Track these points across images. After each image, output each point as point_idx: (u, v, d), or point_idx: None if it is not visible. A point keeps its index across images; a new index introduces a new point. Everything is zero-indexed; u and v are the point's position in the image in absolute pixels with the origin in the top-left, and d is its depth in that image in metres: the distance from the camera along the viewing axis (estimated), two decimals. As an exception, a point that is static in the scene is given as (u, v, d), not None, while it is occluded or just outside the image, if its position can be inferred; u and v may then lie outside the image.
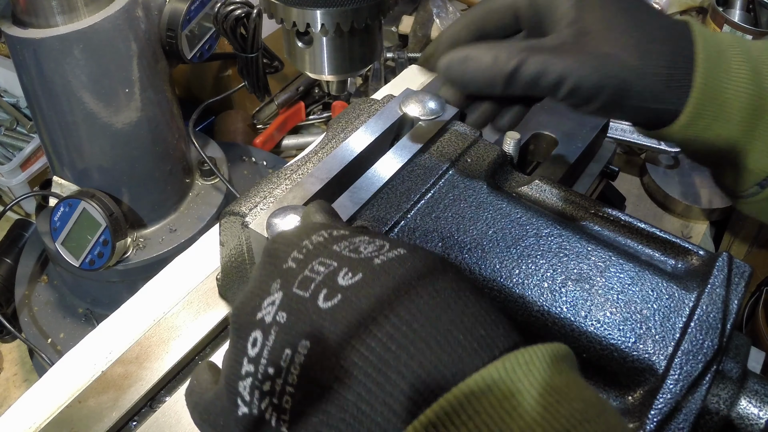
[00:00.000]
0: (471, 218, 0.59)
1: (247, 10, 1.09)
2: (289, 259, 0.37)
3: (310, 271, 0.36)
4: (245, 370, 0.36)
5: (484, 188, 0.62)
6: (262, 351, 0.35)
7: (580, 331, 0.51)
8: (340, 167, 0.60)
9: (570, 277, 0.54)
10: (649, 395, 0.48)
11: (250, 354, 0.36)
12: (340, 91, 0.52)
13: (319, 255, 0.37)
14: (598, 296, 0.53)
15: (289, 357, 0.34)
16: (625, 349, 0.50)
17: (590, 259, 0.55)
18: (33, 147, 1.36)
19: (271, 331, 0.35)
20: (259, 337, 0.36)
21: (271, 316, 0.36)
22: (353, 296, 0.34)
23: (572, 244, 0.56)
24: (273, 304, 0.36)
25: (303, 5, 0.43)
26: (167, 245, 1.17)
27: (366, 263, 0.36)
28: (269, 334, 0.35)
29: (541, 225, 0.58)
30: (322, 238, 0.38)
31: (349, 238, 0.38)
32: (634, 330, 0.51)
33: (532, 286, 0.54)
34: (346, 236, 0.39)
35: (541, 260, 0.55)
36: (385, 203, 0.59)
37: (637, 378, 0.50)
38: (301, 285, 0.36)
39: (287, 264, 0.37)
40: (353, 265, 0.36)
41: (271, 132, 1.52)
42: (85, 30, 0.94)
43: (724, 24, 1.42)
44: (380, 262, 0.36)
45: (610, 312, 0.52)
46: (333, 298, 0.34)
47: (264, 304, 0.36)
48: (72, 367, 0.62)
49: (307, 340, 0.34)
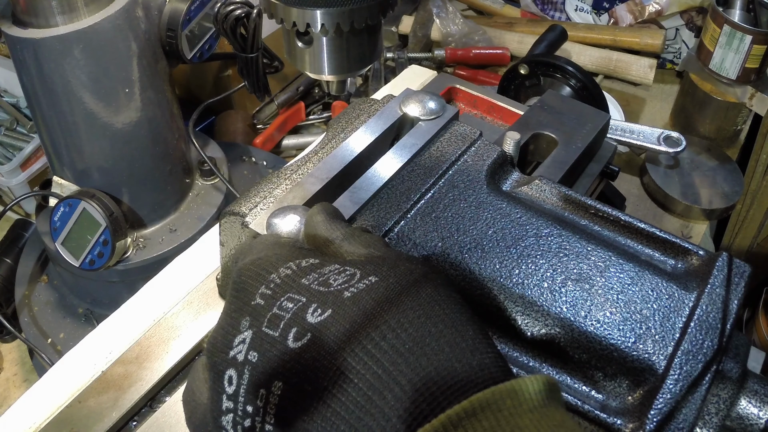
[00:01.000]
0: (471, 218, 0.59)
1: (247, 10, 1.09)
2: (257, 295, 0.37)
3: (279, 308, 0.36)
4: (225, 406, 0.36)
5: (484, 188, 0.62)
6: (239, 389, 0.36)
7: (579, 331, 0.51)
8: (340, 167, 0.60)
9: (570, 277, 0.54)
10: (648, 395, 0.48)
11: (228, 392, 0.36)
12: (340, 91, 0.52)
13: (288, 291, 0.37)
14: (598, 296, 0.53)
15: (264, 396, 0.34)
16: (625, 349, 0.50)
17: (590, 259, 0.55)
18: (33, 147, 1.36)
19: (244, 371, 0.35)
20: (234, 375, 0.36)
21: (242, 354, 0.36)
22: (322, 335, 0.34)
23: (572, 244, 0.56)
24: (244, 342, 0.36)
25: (303, 5, 0.43)
26: (167, 245, 1.17)
27: (335, 297, 0.35)
28: (243, 374, 0.36)
29: (541, 225, 0.58)
30: (290, 270, 0.38)
31: (318, 269, 0.38)
32: (633, 330, 0.51)
33: (531, 286, 0.54)
34: (315, 267, 0.38)
35: (541, 260, 0.55)
36: (385, 203, 0.59)
37: (636, 378, 0.50)
38: (270, 324, 0.36)
39: (255, 301, 0.37)
40: (322, 300, 0.35)
41: (271, 132, 1.52)
42: (85, 30, 0.94)
43: (724, 24, 1.42)
44: (350, 295, 0.35)
45: (610, 312, 0.52)
46: (302, 338, 0.34)
47: (235, 342, 0.37)
48: (72, 367, 0.62)
49: (279, 381, 0.34)
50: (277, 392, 0.34)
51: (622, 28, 1.72)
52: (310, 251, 0.42)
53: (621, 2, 1.74)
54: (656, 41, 1.67)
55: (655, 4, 1.71)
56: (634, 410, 0.48)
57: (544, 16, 1.83)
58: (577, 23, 1.78)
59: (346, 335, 0.33)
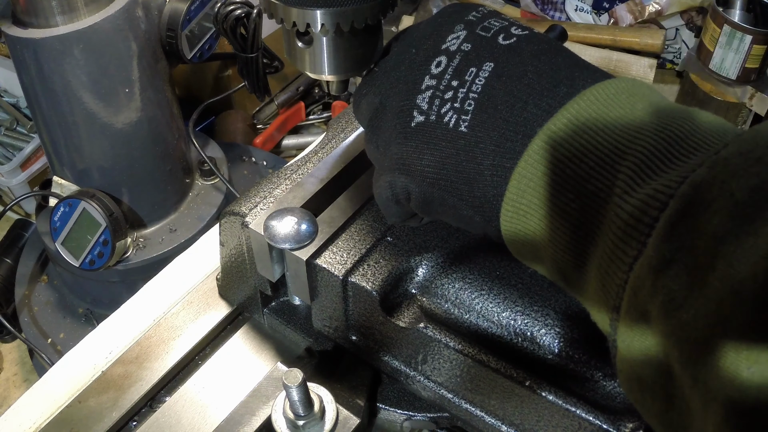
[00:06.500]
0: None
1: (247, 10, 1.09)
2: (470, 15, 0.44)
3: (488, 23, 0.43)
4: (426, 85, 0.42)
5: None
6: (447, 69, 0.42)
7: (580, 332, 0.51)
8: (340, 167, 0.60)
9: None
10: (649, 395, 0.48)
11: (433, 72, 0.42)
12: (340, 91, 0.52)
13: (494, 16, 0.44)
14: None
15: (474, 73, 0.41)
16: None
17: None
18: (33, 147, 1.36)
19: (455, 56, 0.42)
20: (444, 60, 0.42)
21: (455, 46, 0.43)
22: (526, 40, 0.42)
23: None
24: (458, 38, 0.43)
25: (303, 5, 0.43)
26: (167, 245, 1.17)
27: (528, 27, 0.44)
28: (454, 59, 0.42)
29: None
30: (491, 10, 0.46)
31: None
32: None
33: (538, 277, 0.54)
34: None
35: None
36: (385, 203, 0.59)
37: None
38: (482, 29, 0.43)
39: (468, 17, 0.44)
40: (521, 25, 0.43)
41: (271, 132, 1.52)
42: (85, 30, 0.94)
43: (724, 24, 1.42)
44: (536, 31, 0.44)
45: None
46: (510, 39, 0.42)
47: (448, 38, 0.43)
48: (72, 367, 0.62)
49: (490, 63, 0.41)
50: (488, 69, 0.41)
51: (622, 28, 1.72)
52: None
53: (621, 2, 1.74)
54: (656, 41, 1.67)
55: (655, 4, 1.71)
56: (634, 410, 0.48)
57: (544, 16, 1.84)
58: (577, 23, 1.78)
59: (547, 43, 0.42)
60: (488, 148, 0.40)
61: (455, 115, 0.41)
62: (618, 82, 0.39)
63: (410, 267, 0.52)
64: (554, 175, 0.37)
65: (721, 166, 0.31)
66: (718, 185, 0.31)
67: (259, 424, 0.51)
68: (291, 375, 0.46)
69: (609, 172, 0.35)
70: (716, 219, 0.30)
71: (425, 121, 0.42)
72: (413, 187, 0.44)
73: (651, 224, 0.32)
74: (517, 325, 0.50)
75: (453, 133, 0.41)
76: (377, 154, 0.47)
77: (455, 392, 0.52)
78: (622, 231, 0.33)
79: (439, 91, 0.42)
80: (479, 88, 0.41)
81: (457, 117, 0.41)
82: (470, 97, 0.41)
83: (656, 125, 0.35)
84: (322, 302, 0.54)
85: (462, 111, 0.41)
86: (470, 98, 0.41)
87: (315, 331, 0.58)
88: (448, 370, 0.51)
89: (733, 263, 0.28)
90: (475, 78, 0.41)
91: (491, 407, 0.50)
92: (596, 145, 0.36)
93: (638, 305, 0.32)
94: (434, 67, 0.43)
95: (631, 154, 0.35)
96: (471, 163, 0.41)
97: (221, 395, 0.59)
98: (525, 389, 0.47)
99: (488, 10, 0.45)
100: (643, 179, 0.34)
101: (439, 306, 0.52)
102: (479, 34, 0.43)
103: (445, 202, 0.43)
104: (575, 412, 0.46)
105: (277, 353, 0.62)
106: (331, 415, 0.50)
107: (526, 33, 0.43)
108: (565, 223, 0.37)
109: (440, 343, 0.49)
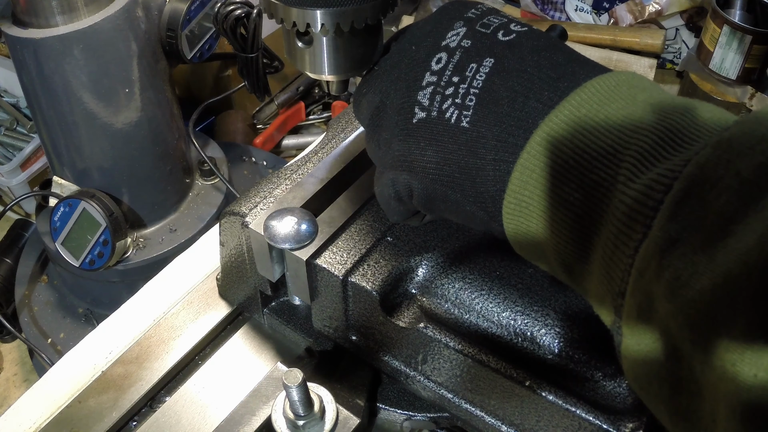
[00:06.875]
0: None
1: (247, 10, 1.09)
2: (469, 12, 0.44)
3: (488, 20, 0.44)
4: (427, 81, 0.43)
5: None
6: (447, 65, 0.42)
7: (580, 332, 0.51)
8: (340, 167, 0.60)
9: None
10: (649, 395, 0.48)
11: (434, 68, 0.43)
12: (340, 91, 0.52)
13: (493, 13, 0.45)
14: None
15: (474, 68, 0.41)
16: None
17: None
18: (33, 147, 1.36)
19: (456, 53, 0.42)
20: (444, 56, 0.43)
21: (456, 42, 0.43)
22: (525, 36, 0.42)
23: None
24: (458, 35, 0.43)
25: (303, 5, 0.43)
26: (167, 245, 1.17)
27: (527, 24, 0.44)
28: (454, 55, 0.42)
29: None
30: (490, 7, 0.46)
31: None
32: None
33: (538, 277, 0.54)
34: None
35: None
36: (385, 203, 0.59)
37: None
38: (482, 26, 0.43)
39: (467, 14, 0.44)
40: (520, 22, 0.44)
41: (271, 132, 1.52)
42: (85, 30, 0.94)
43: (724, 24, 1.42)
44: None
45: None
46: (510, 35, 0.42)
47: (448, 35, 0.43)
48: (72, 367, 0.62)
49: (491, 58, 0.41)
50: (488, 65, 0.41)
51: (622, 28, 1.72)
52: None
53: (621, 2, 1.74)
54: (656, 41, 1.67)
55: (655, 4, 1.71)
56: (634, 410, 0.48)
57: (544, 16, 1.84)
58: (577, 23, 1.78)
59: (539, 45, 0.42)
60: (490, 143, 0.40)
61: (456, 111, 0.41)
62: (618, 74, 0.39)
63: (410, 267, 0.52)
64: (557, 166, 0.37)
65: (726, 145, 0.31)
66: (723, 164, 0.31)
67: (259, 424, 0.51)
68: (291, 375, 0.46)
69: (612, 162, 0.35)
70: (723, 197, 0.30)
71: (427, 117, 0.42)
72: (416, 184, 0.44)
73: (656, 207, 0.32)
74: (517, 325, 0.50)
75: (455, 128, 0.41)
76: (378, 152, 0.47)
77: (455, 392, 0.52)
78: (627, 216, 0.33)
79: (440, 87, 0.42)
80: (480, 83, 0.41)
81: (458, 112, 0.41)
82: (471, 93, 0.41)
83: (658, 116, 0.35)
84: (322, 302, 0.54)
85: (463, 106, 0.41)
86: (471, 94, 0.41)
87: (315, 331, 0.58)
88: (448, 370, 0.51)
89: (742, 239, 0.28)
90: (476, 74, 0.41)
91: (491, 407, 0.50)
92: (599, 136, 0.36)
93: (643, 287, 0.32)
94: (435, 63, 0.43)
95: (634, 144, 0.35)
96: (473, 158, 0.41)
97: (221, 395, 0.59)
98: (525, 389, 0.47)
99: (487, 8, 0.46)
100: (646, 167, 0.34)
101: (439, 306, 0.52)
102: (479, 31, 0.43)
103: (447, 198, 0.43)
104: (575, 412, 0.46)
105: (277, 353, 0.62)
106: (331, 415, 0.50)
107: (526, 29, 0.43)
108: (569, 213, 0.37)
109: (440, 343, 0.49)
